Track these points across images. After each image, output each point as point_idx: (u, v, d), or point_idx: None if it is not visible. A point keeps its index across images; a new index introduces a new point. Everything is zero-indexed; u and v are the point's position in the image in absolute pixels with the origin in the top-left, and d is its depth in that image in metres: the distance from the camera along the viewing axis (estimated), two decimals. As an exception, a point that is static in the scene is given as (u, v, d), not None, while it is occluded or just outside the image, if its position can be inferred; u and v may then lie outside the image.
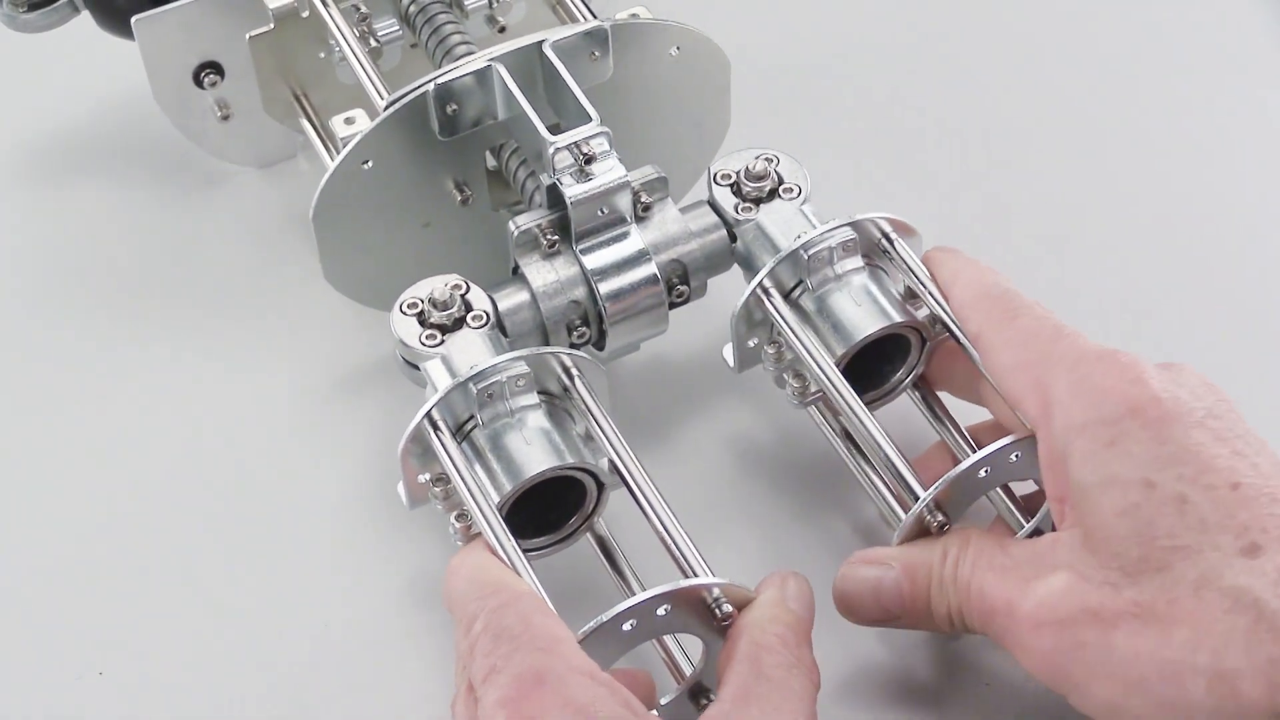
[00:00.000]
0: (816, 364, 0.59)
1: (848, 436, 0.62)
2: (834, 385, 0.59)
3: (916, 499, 0.56)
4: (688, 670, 0.56)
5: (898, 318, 0.60)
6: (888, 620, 0.57)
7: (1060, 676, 0.52)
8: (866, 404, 0.59)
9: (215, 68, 0.73)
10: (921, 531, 0.57)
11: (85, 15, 0.73)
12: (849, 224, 0.60)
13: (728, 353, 0.62)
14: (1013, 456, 0.56)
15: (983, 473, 0.56)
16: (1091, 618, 0.51)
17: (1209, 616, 0.49)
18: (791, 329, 0.60)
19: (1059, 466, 0.53)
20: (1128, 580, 0.50)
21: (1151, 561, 0.50)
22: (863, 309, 0.60)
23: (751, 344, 0.62)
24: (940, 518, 0.56)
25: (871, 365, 0.61)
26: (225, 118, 0.74)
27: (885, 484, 0.60)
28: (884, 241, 0.61)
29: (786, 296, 0.61)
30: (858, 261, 0.61)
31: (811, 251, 0.60)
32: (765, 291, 0.60)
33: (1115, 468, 0.51)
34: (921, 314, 0.61)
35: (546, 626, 0.51)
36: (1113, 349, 0.55)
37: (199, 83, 0.73)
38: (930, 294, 0.60)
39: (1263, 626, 0.48)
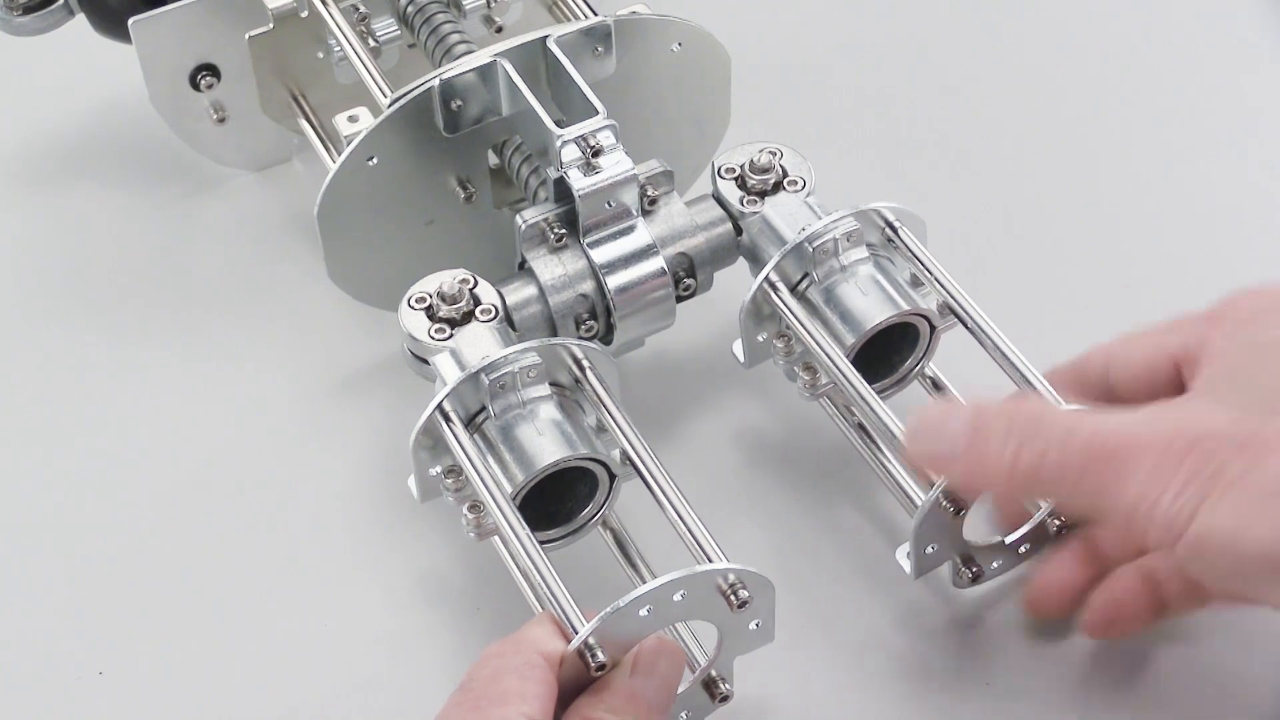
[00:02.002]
0: (826, 355, 0.59)
1: (861, 428, 0.62)
2: (845, 376, 0.59)
3: (932, 484, 0.56)
4: (702, 659, 0.56)
5: (905, 306, 0.60)
6: (943, 462, 0.54)
7: (1197, 494, 0.48)
8: (877, 394, 0.59)
9: (211, 70, 0.73)
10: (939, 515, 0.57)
11: (80, 18, 0.73)
12: (852, 214, 0.61)
13: (738, 348, 0.63)
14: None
15: None
16: (1238, 446, 0.48)
17: None
18: (800, 322, 0.60)
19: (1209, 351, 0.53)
20: (1266, 414, 0.49)
21: None
22: (870, 298, 0.60)
23: (761, 339, 0.62)
24: (956, 504, 0.56)
25: (881, 355, 0.62)
26: (221, 120, 0.74)
27: (900, 472, 0.60)
28: (888, 231, 0.61)
29: (794, 289, 0.61)
30: (863, 251, 0.61)
31: (816, 243, 0.60)
32: (772, 285, 0.61)
33: (1268, 335, 0.51)
34: (929, 302, 0.61)
35: (508, 684, 0.50)
36: None
37: (195, 85, 0.73)
38: (937, 281, 0.60)
39: None
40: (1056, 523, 0.59)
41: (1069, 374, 0.59)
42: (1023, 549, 0.60)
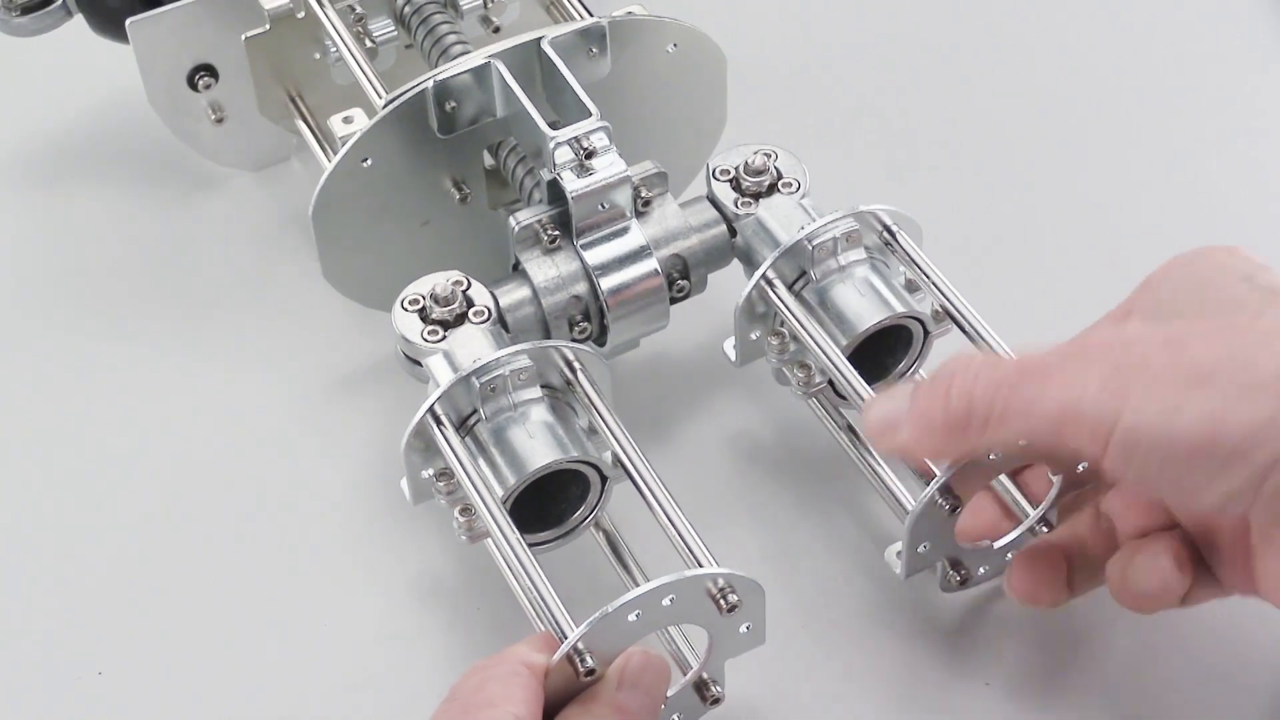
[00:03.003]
0: (823, 352, 0.59)
1: (850, 430, 0.62)
2: (841, 373, 0.59)
3: (926, 484, 0.56)
4: (693, 662, 0.56)
5: (900, 309, 0.60)
6: (892, 430, 0.53)
7: (1122, 387, 0.48)
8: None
9: (209, 70, 0.73)
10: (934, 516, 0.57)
11: (78, 19, 0.73)
12: (852, 215, 0.61)
13: (729, 347, 0.63)
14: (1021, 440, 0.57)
15: (992, 455, 0.56)
16: (1164, 340, 0.48)
17: None
18: (797, 319, 0.60)
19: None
20: (1203, 315, 0.51)
21: (1208, 310, 0.51)
22: (866, 299, 0.60)
23: (754, 337, 0.62)
24: (952, 501, 0.56)
25: (874, 356, 0.62)
26: (219, 120, 0.74)
27: (890, 475, 0.60)
28: (885, 234, 0.61)
29: (790, 287, 0.61)
30: (861, 253, 0.61)
31: (816, 242, 0.60)
32: (769, 283, 0.61)
33: (1201, 269, 0.54)
34: (924, 306, 0.61)
35: (493, 690, 0.50)
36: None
37: (193, 85, 0.73)
38: (934, 285, 0.60)
39: None
40: (1044, 529, 0.59)
41: None
42: (1009, 556, 0.60)
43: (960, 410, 0.51)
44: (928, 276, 0.61)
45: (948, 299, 0.60)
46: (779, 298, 0.61)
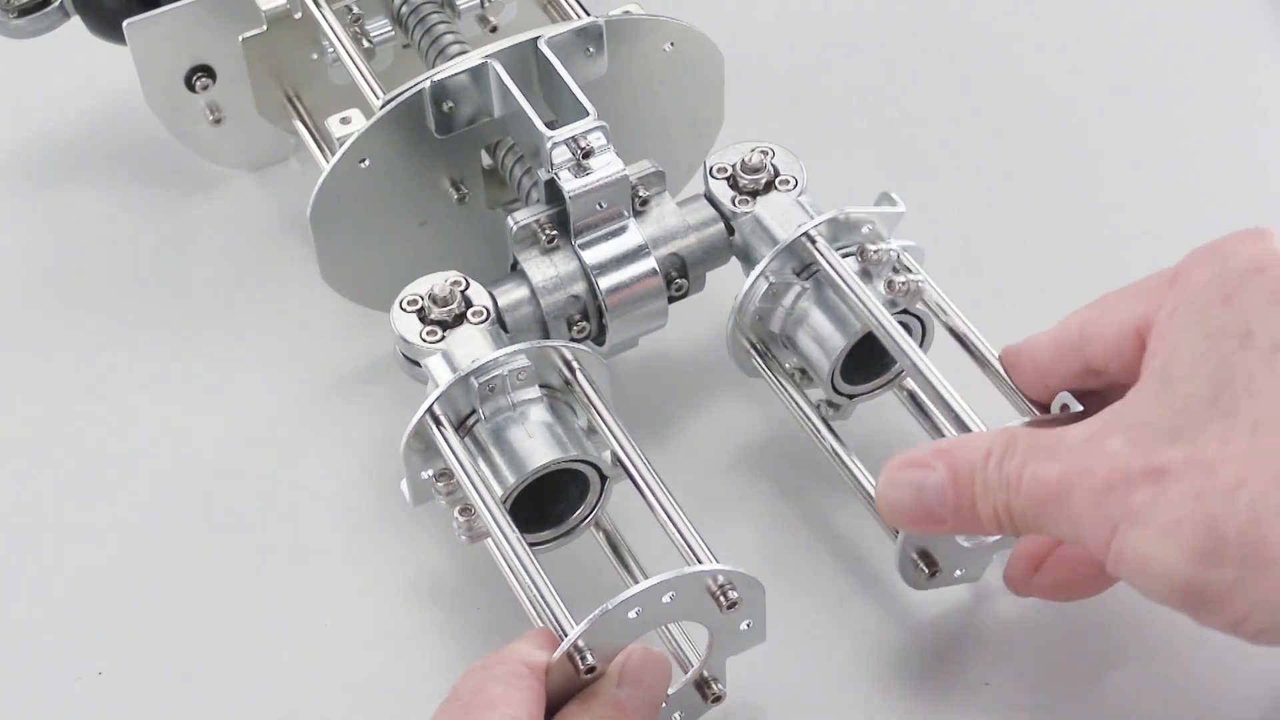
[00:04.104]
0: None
1: (839, 444, 0.62)
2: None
3: None
4: (694, 660, 0.56)
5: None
6: (933, 525, 0.54)
7: (1108, 530, 0.49)
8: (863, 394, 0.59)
9: (207, 71, 0.73)
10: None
11: (76, 20, 0.73)
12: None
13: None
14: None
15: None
16: (1148, 473, 0.48)
17: (1260, 457, 0.46)
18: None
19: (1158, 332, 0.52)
20: (1190, 427, 0.48)
21: (1220, 405, 0.48)
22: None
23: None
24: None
25: (865, 362, 0.62)
26: (217, 121, 0.74)
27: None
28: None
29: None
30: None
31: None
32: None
33: (1220, 319, 0.49)
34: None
35: (493, 691, 0.50)
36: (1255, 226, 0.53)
37: (190, 86, 0.73)
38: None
39: None
40: None
41: (1048, 346, 0.58)
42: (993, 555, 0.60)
43: (1004, 525, 0.53)
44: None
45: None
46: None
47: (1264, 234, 0.52)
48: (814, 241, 0.61)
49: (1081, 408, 0.56)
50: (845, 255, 0.61)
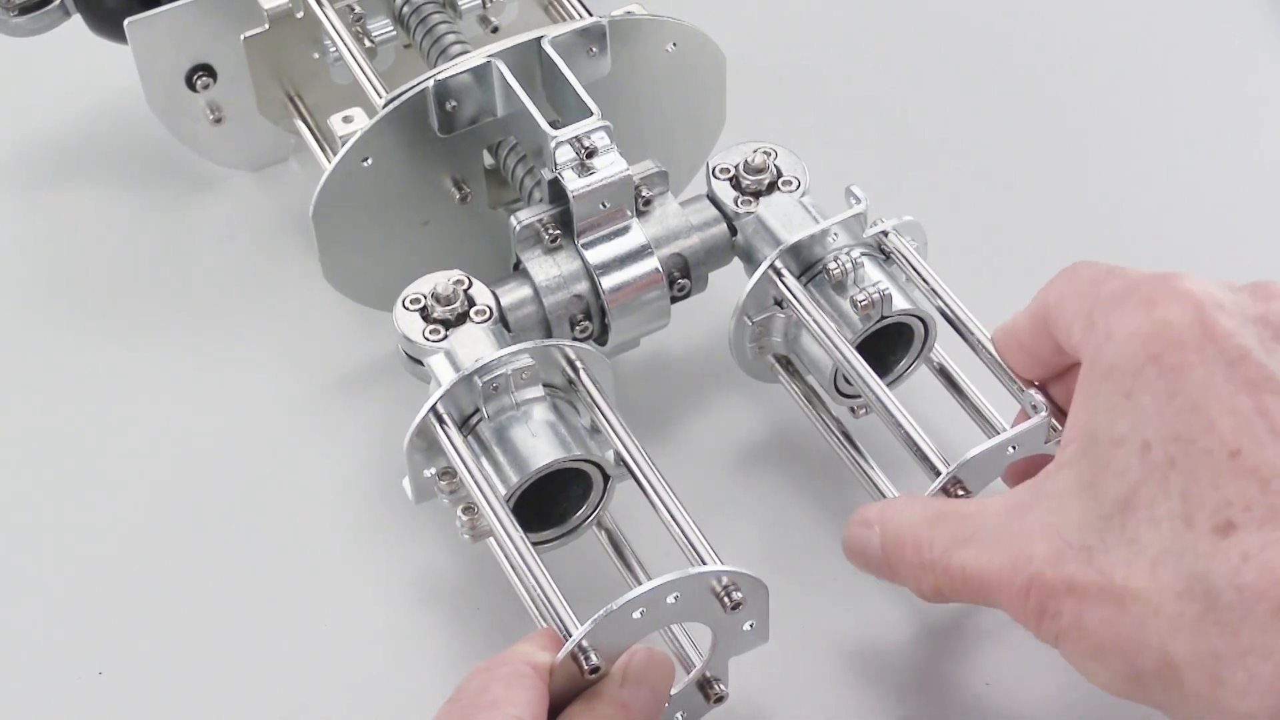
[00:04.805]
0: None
1: (846, 437, 0.62)
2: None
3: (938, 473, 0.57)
4: (697, 660, 0.56)
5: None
6: (889, 579, 0.56)
7: (1049, 636, 0.50)
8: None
9: (207, 70, 0.73)
10: None
11: (76, 19, 0.73)
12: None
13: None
14: (1011, 448, 0.57)
15: (1011, 449, 0.57)
16: (1067, 588, 0.49)
17: (1161, 597, 0.46)
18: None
19: (1079, 403, 0.51)
20: (1101, 546, 0.48)
21: (1126, 530, 0.47)
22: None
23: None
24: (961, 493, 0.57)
25: (878, 354, 0.62)
26: (217, 120, 0.74)
27: (886, 483, 0.61)
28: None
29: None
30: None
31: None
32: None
33: (1123, 425, 0.48)
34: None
35: (496, 692, 0.50)
36: (1171, 273, 0.50)
37: (191, 85, 0.73)
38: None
39: (1210, 618, 0.45)
40: None
41: (1025, 326, 0.57)
42: None
43: (938, 598, 0.55)
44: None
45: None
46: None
47: (1170, 290, 0.49)
48: (781, 276, 0.61)
49: (1045, 411, 0.57)
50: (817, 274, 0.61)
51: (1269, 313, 0.49)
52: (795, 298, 0.60)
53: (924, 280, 0.61)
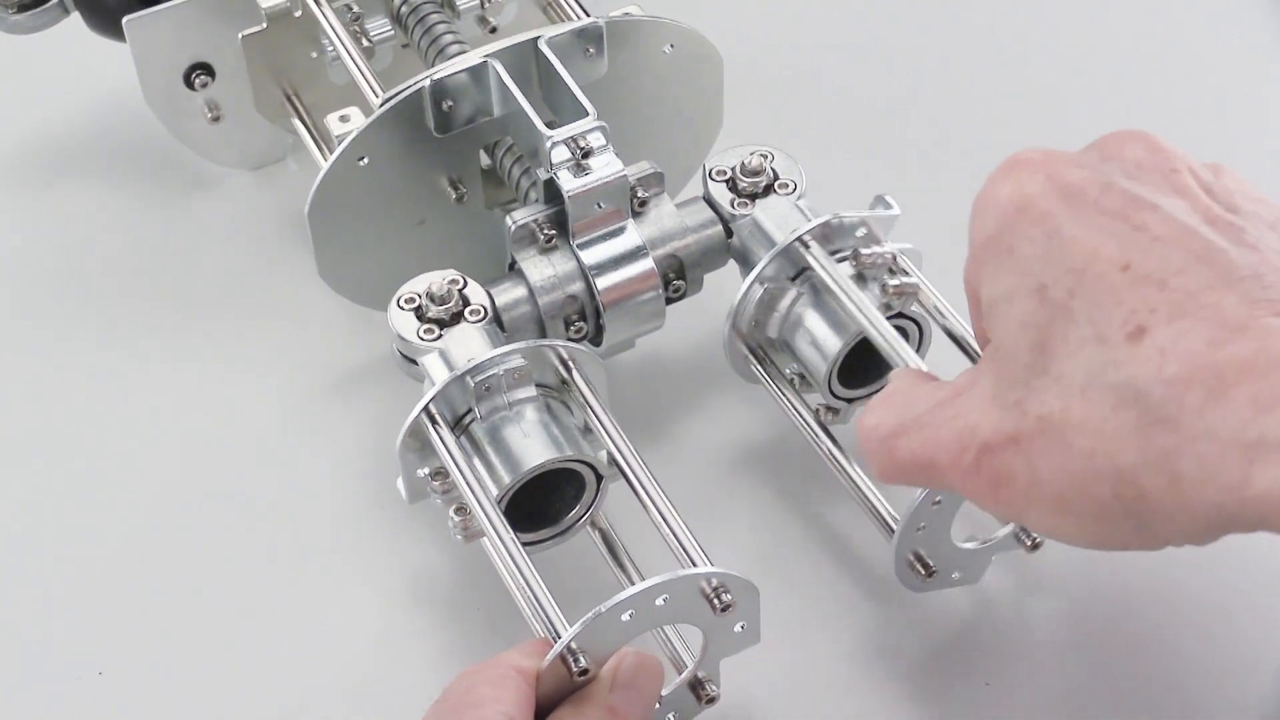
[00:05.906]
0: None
1: (836, 447, 0.62)
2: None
3: None
4: (688, 661, 0.56)
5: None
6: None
7: (1006, 509, 0.49)
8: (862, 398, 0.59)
9: (206, 69, 0.73)
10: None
11: (75, 16, 0.73)
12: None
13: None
14: None
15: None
16: (1011, 443, 0.48)
17: (1099, 417, 0.46)
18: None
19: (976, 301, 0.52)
20: (1031, 394, 0.48)
21: (1050, 371, 0.47)
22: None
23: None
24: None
25: (863, 365, 0.62)
26: (216, 119, 0.74)
27: (873, 491, 0.60)
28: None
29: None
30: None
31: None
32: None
33: (1013, 279, 0.49)
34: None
35: (482, 691, 0.50)
36: (1012, 154, 0.53)
37: (190, 84, 0.73)
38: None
39: (1149, 419, 0.45)
40: (1029, 541, 0.60)
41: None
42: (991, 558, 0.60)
43: (896, 477, 0.53)
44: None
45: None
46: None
47: (1012, 164, 0.52)
48: (807, 246, 0.61)
49: None
50: (840, 259, 0.61)
51: (1118, 155, 0.51)
52: (822, 265, 0.60)
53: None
